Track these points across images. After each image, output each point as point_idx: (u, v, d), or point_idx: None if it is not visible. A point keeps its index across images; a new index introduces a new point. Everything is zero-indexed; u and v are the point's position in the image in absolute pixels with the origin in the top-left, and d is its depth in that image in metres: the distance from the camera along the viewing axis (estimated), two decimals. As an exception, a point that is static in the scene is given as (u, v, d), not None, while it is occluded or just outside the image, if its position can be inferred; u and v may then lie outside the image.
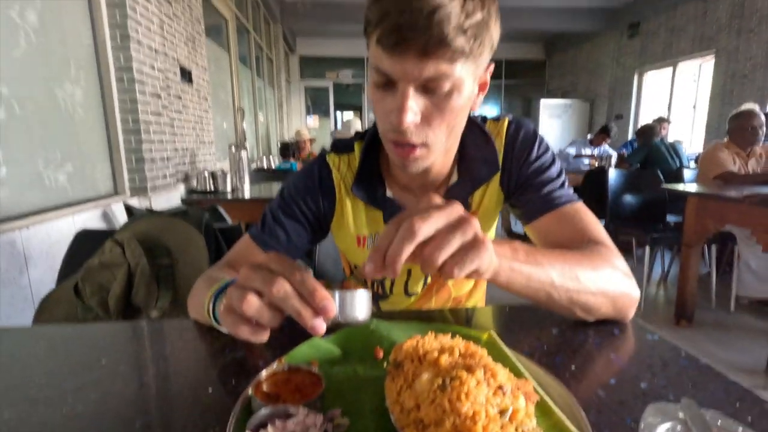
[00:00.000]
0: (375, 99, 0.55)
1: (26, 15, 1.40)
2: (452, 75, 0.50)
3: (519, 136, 0.69)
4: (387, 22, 0.47)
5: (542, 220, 0.67)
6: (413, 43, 0.46)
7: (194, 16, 2.85)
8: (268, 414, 0.36)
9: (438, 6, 0.45)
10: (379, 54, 0.50)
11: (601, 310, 0.57)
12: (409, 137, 0.54)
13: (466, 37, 0.47)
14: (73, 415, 0.42)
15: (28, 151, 1.38)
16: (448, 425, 0.32)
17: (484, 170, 0.68)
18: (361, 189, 0.69)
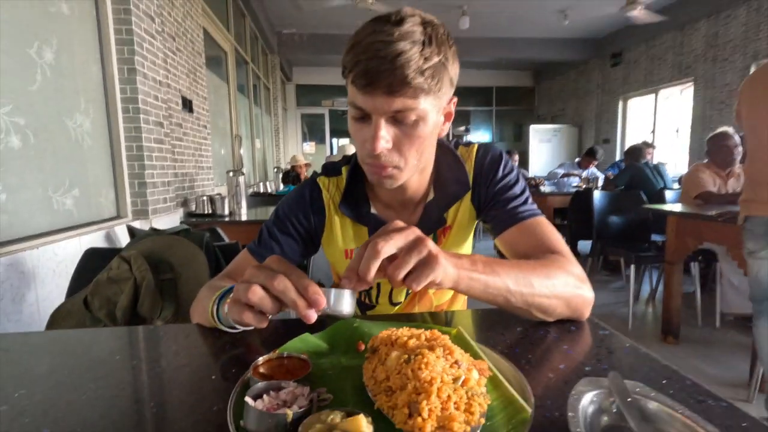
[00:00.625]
0: (353, 130, 0.65)
1: (43, 53, 1.52)
2: (416, 108, 0.59)
3: (486, 159, 0.79)
4: (359, 67, 0.57)
5: (508, 232, 0.75)
6: (381, 83, 0.56)
7: (196, 50, 3.01)
8: (263, 387, 0.44)
9: (400, 52, 0.55)
10: (354, 92, 0.60)
11: (557, 311, 0.65)
12: (382, 161, 0.63)
13: (424, 77, 0.57)
14: (95, 397, 0.49)
15: (39, 177, 1.47)
16: (410, 388, 0.40)
17: (457, 189, 0.78)
18: (348, 207, 0.78)
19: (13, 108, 1.34)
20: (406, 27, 0.57)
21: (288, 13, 6.45)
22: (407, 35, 0.56)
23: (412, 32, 0.57)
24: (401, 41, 0.56)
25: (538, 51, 8.03)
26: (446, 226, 0.81)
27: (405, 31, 0.56)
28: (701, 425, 0.38)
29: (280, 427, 0.38)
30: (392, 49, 0.55)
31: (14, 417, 0.45)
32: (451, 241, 0.82)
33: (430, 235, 0.80)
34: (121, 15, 1.94)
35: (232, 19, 4.57)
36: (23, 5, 1.45)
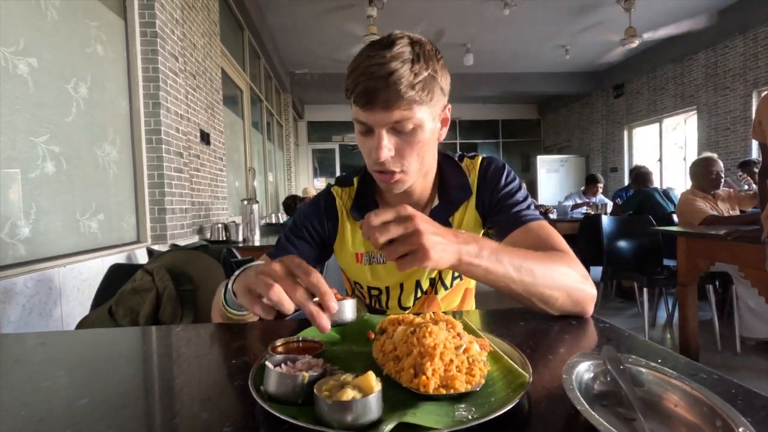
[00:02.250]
0: (360, 143, 0.73)
1: (79, 88, 1.66)
2: (412, 118, 0.67)
3: (490, 168, 0.85)
4: (359, 88, 0.65)
5: (512, 235, 0.79)
6: (378, 100, 0.64)
7: (214, 88, 3.20)
8: (281, 359, 0.48)
9: (392, 71, 0.63)
10: (357, 110, 0.68)
11: (558, 302, 0.68)
12: (387, 167, 0.70)
13: (415, 90, 0.65)
14: (129, 377, 0.53)
15: (69, 201, 1.57)
16: (415, 352, 0.44)
17: (459, 194, 0.83)
18: (358, 212, 0.84)
19: (50, 137, 1.46)
20: (396, 49, 0.65)
21: (300, 54, 6.82)
22: (398, 56, 0.64)
23: (401, 53, 0.65)
24: (392, 62, 0.64)
25: (541, 85, 8.27)
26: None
27: (395, 52, 0.64)
28: (689, 385, 0.41)
29: (297, 387, 0.42)
30: (385, 69, 0.63)
31: (57, 391, 0.49)
32: None
33: None
34: (148, 55, 2.11)
35: (248, 59, 4.86)
36: (65, 47, 1.60)
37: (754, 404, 0.42)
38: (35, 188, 1.39)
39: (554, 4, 5.26)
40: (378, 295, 0.89)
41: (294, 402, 0.41)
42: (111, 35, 1.96)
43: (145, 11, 2.11)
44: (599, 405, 0.43)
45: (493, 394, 0.43)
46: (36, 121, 1.42)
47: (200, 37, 2.92)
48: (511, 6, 5.13)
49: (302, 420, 0.37)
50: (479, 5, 5.29)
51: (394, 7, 5.17)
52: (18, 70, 1.35)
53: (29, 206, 1.36)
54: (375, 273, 0.87)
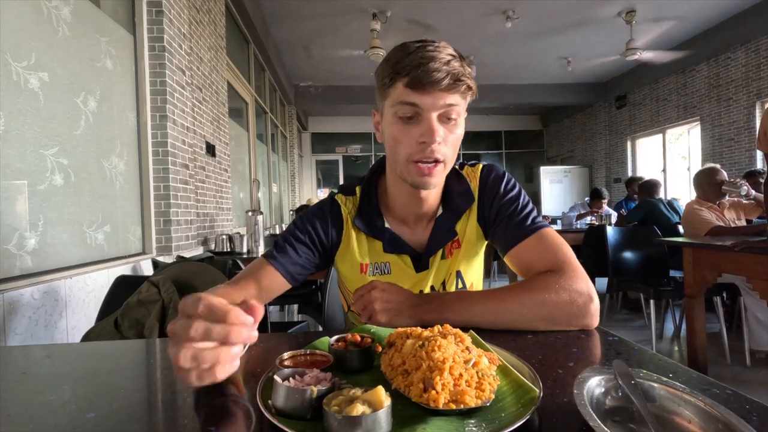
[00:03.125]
0: (398, 131, 0.71)
1: (88, 102, 1.69)
2: (458, 106, 0.70)
3: (489, 178, 0.84)
4: (416, 72, 0.66)
5: (514, 251, 0.78)
6: (439, 81, 0.66)
7: (220, 100, 3.24)
8: (289, 372, 0.48)
9: (449, 59, 0.68)
10: (409, 93, 0.68)
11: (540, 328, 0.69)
12: (435, 153, 0.70)
13: (470, 80, 0.69)
14: (135, 390, 0.53)
15: (76, 213, 1.58)
16: (424, 367, 0.44)
17: (462, 202, 0.83)
18: (362, 222, 0.83)
19: (59, 150, 1.48)
20: (442, 44, 0.70)
21: (304, 67, 6.90)
22: (445, 49, 0.69)
23: (448, 48, 0.70)
24: (445, 51, 0.68)
25: (544, 96, 8.32)
26: (456, 239, 0.85)
27: (444, 46, 0.69)
28: (702, 400, 0.41)
29: (306, 401, 0.42)
30: (443, 56, 0.67)
31: (63, 405, 0.49)
32: (462, 257, 0.85)
33: (439, 250, 0.83)
34: (156, 69, 2.14)
35: (253, 72, 4.92)
36: (75, 61, 1.63)
37: (770, 421, 0.41)
38: (43, 200, 1.41)
39: (555, 16, 5.32)
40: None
41: (303, 417, 0.41)
42: (120, 50, 1.99)
43: (153, 26, 2.15)
44: (611, 420, 0.43)
45: (504, 409, 0.43)
46: (45, 134, 1.44)
47: (207, 50, 2.97)
48: (513, 19, 5.20)
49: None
50: (481, 18, 5.36)
51: (397, 21, 5.25)
52: (29, 85, 1.38)
53: (37, 218, 1.38)
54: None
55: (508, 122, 10.62)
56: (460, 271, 0.85)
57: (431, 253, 0.83)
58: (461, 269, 0.85)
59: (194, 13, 2.71)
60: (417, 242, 0.84)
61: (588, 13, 5.23)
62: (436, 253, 0.83)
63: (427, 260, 0.83)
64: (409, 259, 0.83)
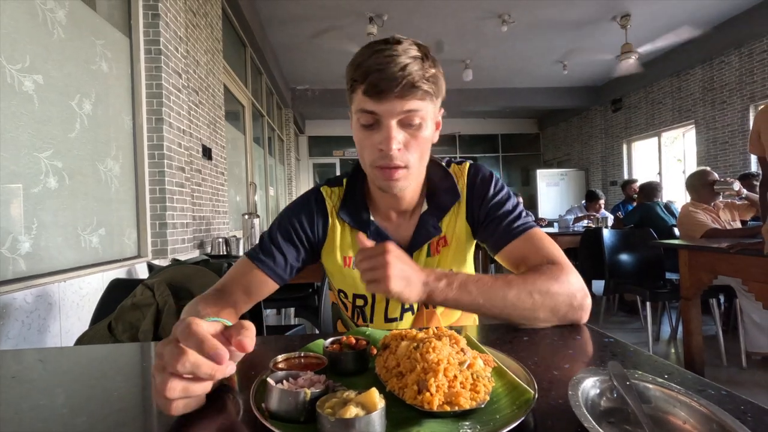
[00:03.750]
0: (362, 137, 0.72)
1: (83, 105, 1.68)
2: (421, 111, 0.68)
3: (478, 178, 0.84)
4: (371, 78, 0.66)
5: (506, 249, 0.79)
6: (394, 88, 0.65)
7: (216, 104, 3.24)
8: (283, 375, 0.47)
9: (406, 64, 0.66)
10: (365, 101, 0.68)
11: (540, 320, 0.69)
12: (394, 161, 0.70)
13: (428, 83, 0.67)
14: (127, 394, 0.53)
15: (70, 216, 1.57)
16: (418, 368, 0.43)
17: (447, 198, 0.83)
18: (347, 214, 0.82)
19: (53, 152, 1.47)
20: (404, 46, 0.68)
21: (301, 70, 6.92)
22: (408, 51, 0.67)
23: (410, 49, 0.68)
24: (404, 55, 0.66)
25: (540, 99, 8.36)
26: (442, 237, 0.84)
27: (405, 48, 0.67)
28: (697, 401, 0.41)
29: (299, 404, 0.41)
30: (400, 61, 0.66)
31: (54, 409, 0.48)
32: (451, 257, 0.84)
33: (424, 245, 0.83)
34: (152, 72, 2.14)
35: (250, 76, 4.92)
36: (70, 64, 1.63)
37: (764, 420, 0.41)
38: (37, 203, 1.40)
39: (551, 21, 5.36)
40: (363, 306, 0.86)
41: (296, 419, 0.41)
42: (116, 53, 1.99)
43: (149, 29, 2.15)
44: (606, 422, 0.42)
45: (498, 411, 0.43)
46: (40, 137, 1.43)
47: (203, 54, 2.97)
48: (509, 23, 5.23)
49: (304, 438, 0.36)
50: (477, 22, 5.39)
51: (394, 24, 5.27)
52: (24, 87, 1.37)
53: (31, 221, 1.37)
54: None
55: (505, 126, 10.66)
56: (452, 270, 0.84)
57: (415, 248, 0.82)
58: (453, 269, 0.85)
59: (191, 16, 2.72)
60: (401, 237, 0.83)
61: (583, 16, 5.26)
62: (420, 249, 0.83)
63: (410, 256, 0.82)
64: None
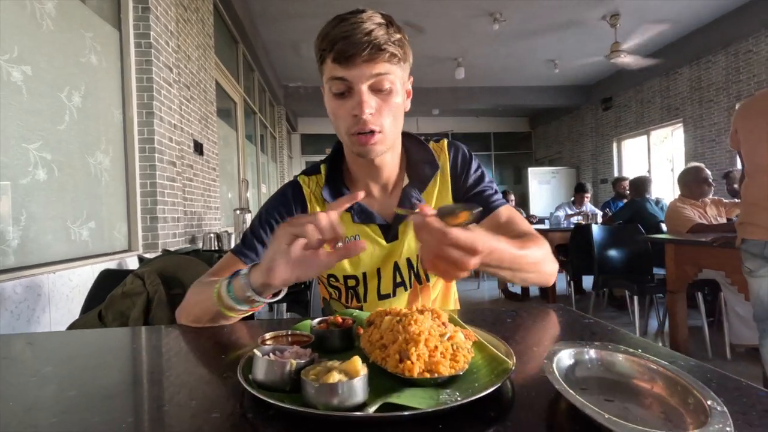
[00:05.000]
0: (335, 106, 0.73)
1: (72, 97, 1.67)
2: (390, 74, 0.70)
3: (459, 154, 0.88)
4: (338, 46, 0.68)
5: (487, 220, 0.83)
6: (362, 53, 0.67)
7: (208, 99, 3.23)
8: (269, 349, 0.48)
9: (371, 30, 0.68)
10: (336, 68, 0.70)
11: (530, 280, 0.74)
12: (369, 125, 0.71)
13: (394, 46, 0.70)
14: (117, 371, 0.54)
15: (60, 209, 1.57)
16: (400, 339, 0.45)
17: (427, 169, 0.85)
18: (330, 195, 0.84)
19: (42, 144, 1.46)
20: (368, 14, 0.70)
21: (293, 68, 6.89)
22: (372, 18, 0.70)
23: (374, 17, 0.70)
24: (369, 22, 0.69)
25: (532, 98, 8.42)
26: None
27: (369, 16, 0.70)
28: (664, 368, 0.43)
29: (285, 374, 0.43)
30: (364, 27, 0.68)
31: (43, 384, 0.49)
32: None
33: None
34: (143, 65, 2.13)
35: (242, 72, 4.90)
36: (59, 56, 1.62)
37: (726, 386, 0.43)
38: (26, 195, 1.39)
39: (541, 19, 5.40)
40: (355, 286, 0.87)
41: (282, 389, 0.42)
42: (105, 45, 1.98)
43: (140, 23, 2.14)
44: (579, 389, 0.44)
45: (477, 380, 0.44)
46: (28, 129, 1.43)
47: (195, 49, 2.95)
48: (500, 21, 5.26)
49: (288, 403, 0.38)
50: (469, 20, 5.41)
51: (386, 22, 5.26)
52: (12, 78, 1.36)
53: (19, 213, 1.36)
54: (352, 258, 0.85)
55: (497, 124, 10.71)
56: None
57: (399, 221, 0.84)
58: None
59: (181, 11, 2.70)
60: (385, 212, 0.85)
61: (573, 16, 5.31)
62: (406, 222, 0.84)
63: (396, 230, 0.84)
64: (378, 229, 0.84)
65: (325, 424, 0.37)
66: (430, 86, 7.85)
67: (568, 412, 0.39)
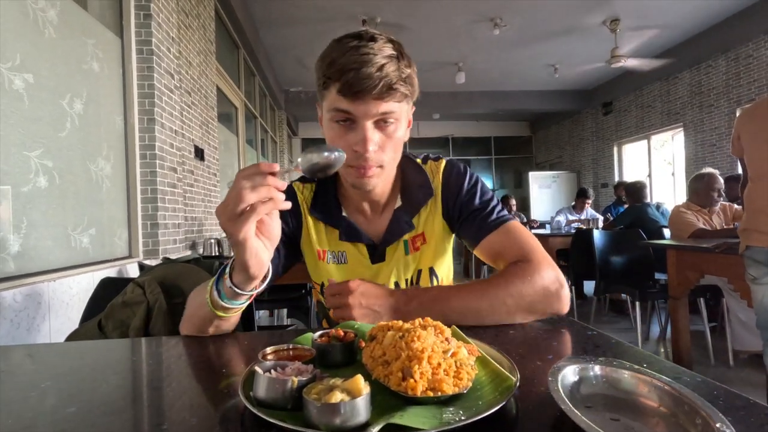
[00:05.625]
0: (334, 135, 0.71)
1: (74, 104, 1.68)
2: (396, 112, 0.69)
3: (452, 175, 0.84)
4: (346, 78, 0.64)
5: (483, 243, 0.80)
6: (371, 90, 0.65)
7: (209, 105, 3.24)
8: (271, 365, 0.48)
9: (383, 64, 0.65)
10: (341, 100, 0.67)
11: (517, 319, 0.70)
12: (370, 162, 0.70)
13: (405, 85, 0.68)
14: (117, 386, 0.53)
15: (61, 216, 1.56)
16: (403, 356, 0.44)
17: (421, 194, 0.83)
18: (319, 211, 0.83)
19: (43, 151, 1.47)
20: (380, 44, 0.67)
21: (294, 72, 6.92)
22: (382, 50, 0.66)
23: (384, 48, 0.67)
24: (379, 55, 0.65)
25: (532, 102, 8.43)
26: (420, 234, 0.84)
27: (380, 47, 0.66)
28: (670, 386, 0.42)
29: (286, 392, 0.42)
30: (377, 61, 0.65)
31: (42, 399, 0.49)
32: (431, 254, 0.85)
33: (400, 239, 0.83)
34: (144, 72, 2.13)
35: (243, 77, 4.92)
36: (61, 63, 1.62)
37: (734, 404, 0.43)
38: (27, 202, 1.39)
39: (542, 24, 5.42)
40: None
41: (283, 407, 0.42)
42: (107, 52, 1.99)
43: (141, 30, 2.15)
44: (584, 407, 0.44)
45: (481, 397, 0.44)
46: (30, 136, 1.43)
47: (196, 54, 2.97)
48: (501, 26, 5.28)
49: (290, 423, 0.37)
50: (470, 25, 5.43)
51: (387, 28, 5.29)
52: (14, 86, 1.37)
53: (20, 220, 1.36)
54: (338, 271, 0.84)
55: (498, 128, 10.73)
56: (433, 267, 0.85)
57: (388, 243, 0.82)
58: (434, 266, 0.86)
59: (183, 17, 2.71)
60: (374, 232, 0.83)
61: (574, 21, 5.33)
62: (394, 245, 0.83)
63: (383, 251, 0.83)
64: (365, 248, 0.83)
65: (328, 444, 0.37)
66: (431, 90, 7.87)
67: (574, 430, 0.39)
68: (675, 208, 3.04)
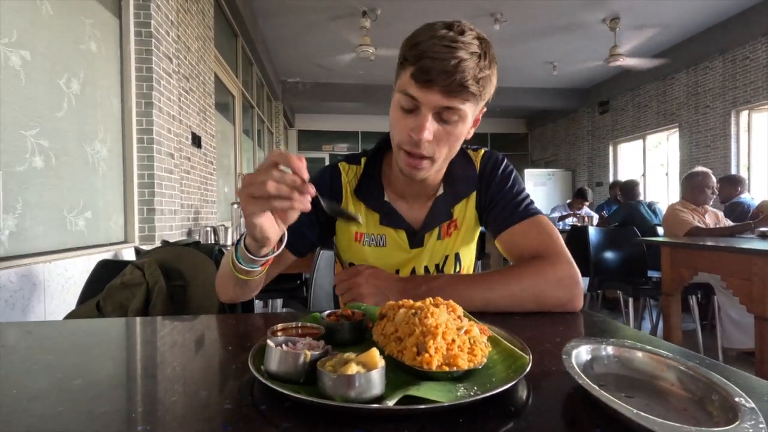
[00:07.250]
0: (397, 117, 0.70)
1: (71, 84, 1.64)
2: (461, 109, 0.66)
3: (489, 164, 0.85)
4: (422, 63, 0.63)
5: (504, 234, 0.80)
6: (441, 83, 0.63)
7: (206, 92, 3.20)
8: (282, 340, 0.47)
9: (462, 59, 0.62)
10: (411, 84, 0.65)
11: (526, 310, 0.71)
12: (422, 150, 0.69)
13: (477, 86, 0.65)
14: (124, 361, 0.52)
15: (56, 197, 1.54)
16: (417, 332, 0.44)
17: (465, 186, 0.83)
18: (363, 193, 0.83)
19: (40, 131, 1.44)
20: (466, 38, 0.64)
21: (292, 63, 6.86)
22: (467, 45, 0.63)
23: (471, 44, 0.64)
24: (462, 50, 0.63)
25: (529, 99, 8.44)
26: (453, 221, 0.85)
27: (465, 41, 0.64)
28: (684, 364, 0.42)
29: (299, 365, 0.42)
30: (455, 55, 0.62)
31: (46, 373, 0.48)
32: (460, 241, 0.86)
33: (435, 228, 0.83)
34: (142, 54, 2.10)
35: (241, 66, 4.87)
36: (58, 42, 1.59)
37: (747, 385, 0.43)
38: (22, 182, 1.37)
39: (542, 21, 5.42)
40: None
41: (296, 381, 0.41)
42: (105, 33, 1.95)
43: (140, 11, 2.11)
44: (598, 386, 0.44)
45: (494, 374, 0.44)
46: (26, 115, 1.40)
47: (194, 40, 2.92)
48: (501, 22, 5.26)
49: (304, 395, 0.37)
50: (470, 20, 5.31)
51: (387, 20, 5.26)
52: (10, 62, 1.33)
53: (15, 200, 1.33)
54: (374, 254, 0.85)
55: (495, 125, 10.75)
56: (459, 253, 0.86)
57: (426, 230, 0.83)
58: (460, 252, 0.86)
59: (182, 1, 2.67)
60: (414, 219, 0.84)
61: (574, 18, 5.33)
62: (431, 231, 0.83)
63: (422, 237, 0.83)
64: (404, 234, 0.83)
65: (342, 416, 0.36)
66: (429, 85, 7.82)
67: (589, 407, 0.39)
68: (670, 207, 3.07)
